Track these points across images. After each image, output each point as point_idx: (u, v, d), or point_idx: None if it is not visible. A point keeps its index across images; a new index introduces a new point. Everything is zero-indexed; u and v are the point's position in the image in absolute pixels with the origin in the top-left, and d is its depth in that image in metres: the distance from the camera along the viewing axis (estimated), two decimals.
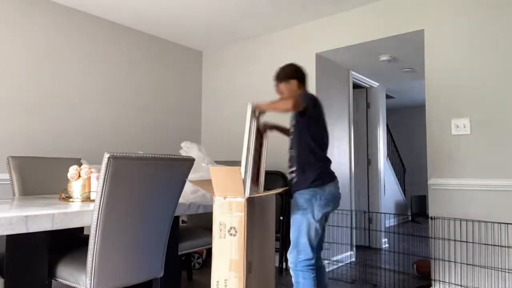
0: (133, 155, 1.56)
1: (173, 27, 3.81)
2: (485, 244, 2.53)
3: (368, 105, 4.75)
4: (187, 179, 1.87)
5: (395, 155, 7.76)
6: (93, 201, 1.89)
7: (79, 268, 1.66)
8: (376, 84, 4.67)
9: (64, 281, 1.70)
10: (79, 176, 1.93)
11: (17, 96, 3.04)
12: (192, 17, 3.58)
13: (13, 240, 1.51)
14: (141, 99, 3.92)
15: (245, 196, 1.63)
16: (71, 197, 1.94)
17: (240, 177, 1.62)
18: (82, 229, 2.49)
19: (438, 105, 2.81)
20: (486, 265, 2.52)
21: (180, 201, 1.97)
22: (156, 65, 4.06)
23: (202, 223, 2.83)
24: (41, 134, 3.16)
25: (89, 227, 1.55)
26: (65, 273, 1.70)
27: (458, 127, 2.70)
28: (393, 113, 8.43)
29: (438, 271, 2.72)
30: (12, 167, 2.41)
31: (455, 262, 2.65)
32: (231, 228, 1.64)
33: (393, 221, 6.66)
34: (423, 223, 6.71)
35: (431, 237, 2.76)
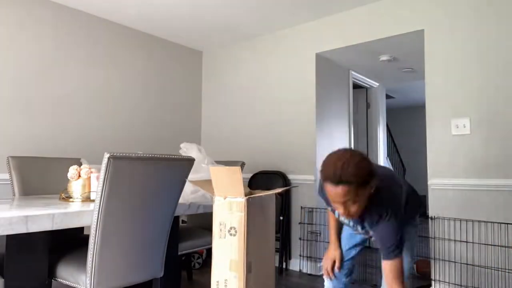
0: (133, 155, 1.56)
1: (173, 27, 3.81)
2: (485, 244, 2.53)
3: (368, 105, 4.75)
4: (187, 179, 1.87)
5: (395, 155, 7.76)
6: (93, 201, 1.89)
7: (79, 268, 1.66)
8: (376, 84, 4.67)
9: (64, 281, 1.70)
10: (79, 176, 1.94)
11: (17, 96, 3.04)
12: (192, 17, 3.58)
13: (13, 240, 1.51)
14: (141, 99, 3.92)
15: (245, 196, 1.63)
16: (71, 197, 1.94)
17: (240, 177, 1.62)
18: (82, 229, 2.49)
19: (438, 105, 2.81)
20: (486, 265, 2.52)
21: (180, 201, 1.98)
22: (156, 65, 4.06)
23: (202, 223, 2.83)
24: (41, 134, 3.16)
25: (89, 227, 1.55)
26: (65, 273, 1.70)
27: (458, 127, 2.70)
28: (393, 113, 8.44)
29: (438, 271, 2.72)
30: (12, 167, 2.41)
31: (455, 262, 2.65)
32: (231, 228, 1.64)
33: None
34: (423, 223, 6.70)
35: (431, 237, 2.76)
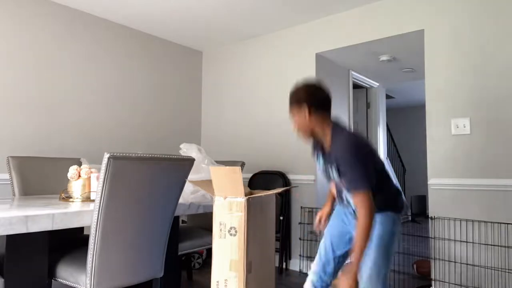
0: (133, 155, 1.56)
1: (173, 27, 3.81)
2: (485, 244, 2.53)
3: (368, 105, 4.75)
4: (187, 179, 1.87)
5: (395, 155, 7.76)
6: (93, 201, 1.89)
7: (79, 268, 1.66)
8: (376, 84, 4.67)
9: (64, 281, 1.70)
10: (79, 176, 1.93)
11: (17, 96, 3.04)
12: (192, 17, 3.58)
13: (13, 240, 1.51)
14: (141, 99, 3.92)
15: (245, 196, 1.63)
16: (71, 197, 1.94)
17: (240, 177, 1.62)
18: (82, 229, 2.49)
19: (438, 105, 2.81)
20: (486, 265, 2.52)
21: (180, 201, 1.98)
22: (156, 65, 4.06)
23: (202, 223, 2.83)
24: (41, 134, 3.16)
25: (89, 227, 1.55)
26: (65, 273, 1.70)
27: (458, 127, 2.70)
28: (393, 113, 8.44)
29: (438, 271, 2.72)
30: (12, 167, 2.41)
31: (455, 262, 2.65)
32: (231, 228, 1.64)
33: None
34: (423, 223, 6.71)
35: (431, 237, 2.76)
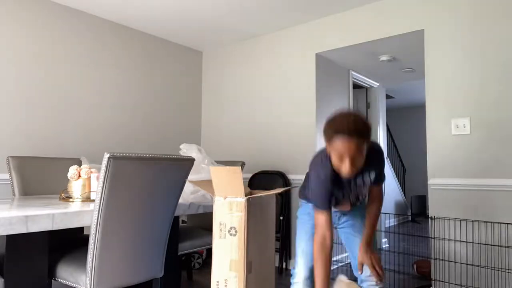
0: (133, 155, 1.56)
1: (173, 27, 3.81)
2: (485, 244, 2.53)
3: (368, 105, 4.75)
4: (187, 179, 1.87)
5: (395, 155, 7.76)
6: (93, 201, 1.89)
7: (79, 268, 1.66)
8: (376, 84, 4.67)
9: (64, 281, 1.70)
10: (79, 176, 1.93)
11: (17, 96, 3.04)
12: (192, 17, 3.58)
13: (13, 240, 1.51)
14: (141, 99, 3.92)
15: (245, 196, 1.63)
16: (71, 197, 1.94)
17: (240, 177, 1.62)
18: (82, 229, 2.49)
19: (438, 105, 2.81)
20: (486, 265, 2.52)
21: (180, 201, 1.98)
22: (156, 65, 4.06)
23: (202, 223, 2.83)
24: (41, 134, 3.16)
25: (89, 227, 1.55)
26: (65, 273, 1.70)
27: (458, 127, 2.70)
28: (393, 113, 8.44)
29: (438, 271, 2.72)
30: (12, 167, 2.41)
31: (455, 262, 2.65)
32: (231, 228, 1.64)
33: (393, 221, 6.66)
34: (423, 223, 6.71)
35: (431, 237, 2.76)
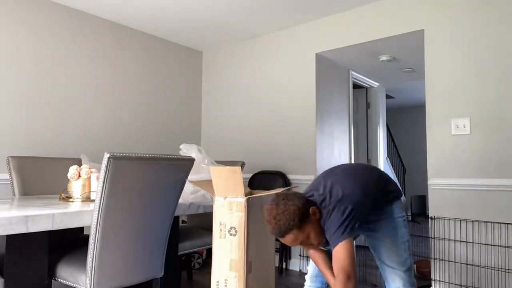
0: (133, 155, 1.56)
1: (173, 27, 3.81)
2: (485, 244, 2.53)
3: (368, 105, 4.75)
4: (187, 179, 1.87)
5: (395, 155, 7.76)
6: (93, 201, 1.89)
7: (79, 268, 1.66)
8: (376, 84, 4.67)
9: (64, 281, 1.70)
10: (79, 176, 1.94)
11: (17, 96, 3.04)
12: (192, 17, 3.58)
13: (13, 240, 1.51)
14: (141, 99, 3.92)
15: (245, 196, 1.63)
16: (71, 197, 1.95)
17: (240, 177, 1.62)
18: (82, 229, 2.49)
19: (438, 105, 2.81)
20: (486, 265, 2.53)
21: (180, 201, 1.98)
22: (156, 65, 4.06)
23: (202, 223, 2.84)
24: (41, 134, 3.16)
25: (89, 227, 1.55)
26: (65, 273, 1.70)
27: (458, 127, 2.70)
28: (393, 113, 8.44)
29: (438, 271, 2.72)
30: (12, 167, 2.41)
31: (455, 262, 2.65)
32: (231, 228, 1.64)
33: None
34: (423, 223, 6.71)
35: (431, 237, 2.76)
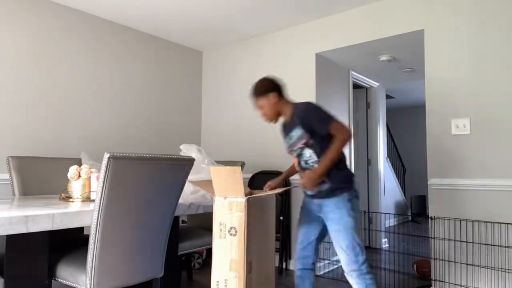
0: (133, 155, 1.56)
1: (173, 27, 3.81)
2: (485, 244, 2.53)
3: (368, 105, 4.75)
4: (187, 180, 1.87)
5: (395, 155, 7.76)
6: (93, 201, 1.89)
7: (79, 268, 1.66)
8: (376, 84, 4.67)
9: (64, 281, 1.70)
10: (79, 176, 1.94)
11: (17, 96, 3.04)
12: (192, 17, 3.58)
13: (13, 240, 1.51)
14: (141, 99, 3.92)
15: (245, 196, 1.63)
16: (71, 197, 1.95)
17: (240, 177, 1.62)
18: (82, 229, 2.49)
19: (438, 105, 2.81)
20: (486, 265, 2.52)
21: (180, 201, 1.98)
22: (156, 65, 4.06)
23: (202, 223, 2.83)
24: (41, 134, 3.16)
25: (89, 227, 1.55)
26: (65, 273, 1.70)
27: (458, 127, 2.70)
28: (393, 113, 8.43)
29: (438, 271, 2.73)
30: (12, 167, 2.41)
31: (455, 262, 2.65)
32: (231, 228, 1.64)
33: (393, 221, 6.66)
34: (423, 223, 6.71)
35: (431, 237, 2.76)
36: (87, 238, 1.59)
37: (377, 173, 4.64)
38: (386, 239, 4.79)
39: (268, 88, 2.08)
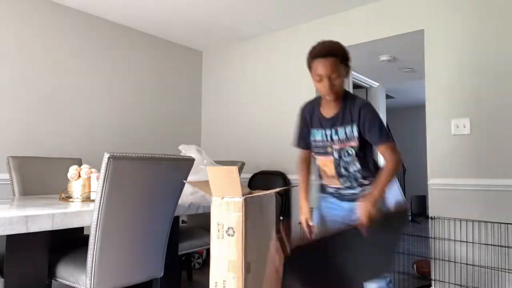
0: (133, 155, 1.57)
1: (173, 27, 3.81)
2: (485, 244, 2.53)
3: None
4: (185, 181, 1.87)
5: None
6: (93, 201, 1.89)
7: (79, 268, 1.67)
8: (376, 84, 4.67)
9: (64, 281, 1.70)
10: (79, 176, 1.94)
11: (17, 96, 3.04)
12: (192, 17, 3.58)
13: (13, 240, 1.52)
14: (141, 99, 3.92)
15: (243, 196, 1.63)
16: (71, 197, 1.95)
17: (237, 176, 1.61)
18: (82, 229, 2.49)
19: (438, 105, 2.80)
20: (486, 265, 2.52)
21: (180, 201, 1.98)
22: (156, 65, 4.06)
23: (202, 223, 2.83)
24: (41, 134, 3.16)
25: (89, 227, 1.55)
26: (65, 273, 1.70)
27: (458, 127, 2.70)
28: (393, 113, 8.43)
29: (438, 271, 2.72)
30: (12, 167, 2.42)
31: (455, 262, 2.65)
32: (229, 228, 1.63)
33: None
34: (423, 223, 6.70)
35: (431, 237, 2.76)
36: (87, 238, 1.59)
37: None
38: None
39: (349, 57, 1.76)
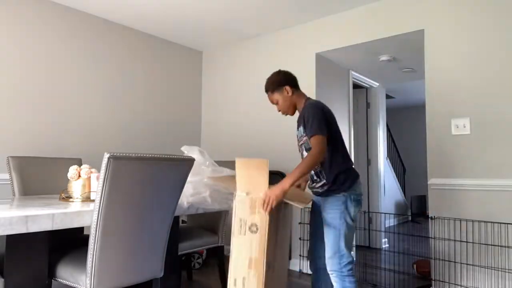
0: (133, 155, 1.56)
1: (173, 27, 3.81)
2: (485, 244, 2.53)
3: (368, 105, 4.75)
4: (210, 176, 1.86)
5: (395, 155, 7.75)
6: (93, 201, 1.89)
7: (79, 268, 1.66)
8: (376, 84, 4.67)
9: (64, 281, 1.70)
10: (79, 176, 1.94)
11: (17, 96, 3.04)
12: (192, 17, 3.57)
13: (13, 240, 1.51)
14: (141, 99, 3.91)
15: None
16: (71, 197, 1.94)
17: (266, 171, 1.58)
18: (82, 229, 2.49)
19: (438, 105, 2.80)
20: (486, 265, 2.52)
21: (179, 202, 1.97)
22: (156, 65, 4.06)
23: (202, 223, 2.83)
24: (42, 134, 3.16)
25: (89, 227, 1.55)
26: (65, 273, 1.70)
27: (458, 127, 2.70)
28: (393, 113, 8.43)
29: (438, 271, 2.72)
30: (12, 167, 2.41)
31: (455, 262, 2.65)
32: (252, 225, 1.60)
33: (393, 221, 6.66)
34: (423, 223, 6.70)
35: (431, 237, 2.76)
36: (87, 238, 1.59)
37: (377, 173, 4.63)
38: (386, 239, 4.79)
39: (281, 81, 2.09)
